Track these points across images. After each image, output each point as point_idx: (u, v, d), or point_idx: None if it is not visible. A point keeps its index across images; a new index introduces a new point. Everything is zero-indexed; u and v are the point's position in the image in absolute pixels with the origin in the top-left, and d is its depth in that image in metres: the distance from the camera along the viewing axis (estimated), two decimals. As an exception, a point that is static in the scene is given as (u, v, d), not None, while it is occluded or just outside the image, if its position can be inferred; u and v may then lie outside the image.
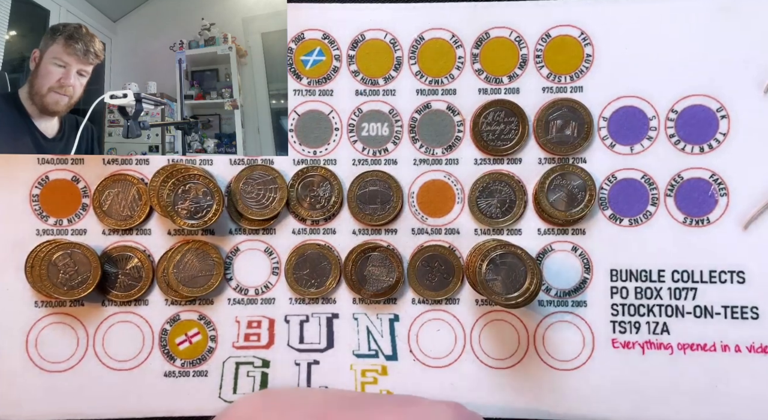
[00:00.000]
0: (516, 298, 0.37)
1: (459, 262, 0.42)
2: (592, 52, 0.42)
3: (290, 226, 0.43)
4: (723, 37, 0.42)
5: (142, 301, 0.42)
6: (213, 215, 0.40)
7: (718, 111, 0.42)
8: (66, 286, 0.40)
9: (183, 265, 0.42)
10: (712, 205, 0.42)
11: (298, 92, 0.43)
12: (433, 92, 0.43)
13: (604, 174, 0.42)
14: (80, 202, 0.42)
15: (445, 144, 0.43)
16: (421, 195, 0.43)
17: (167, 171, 0.42)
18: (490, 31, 0.42)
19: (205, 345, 0.43)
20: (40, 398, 0.42)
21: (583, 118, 0.42)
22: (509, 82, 0.42)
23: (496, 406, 0.42)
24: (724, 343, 0.42)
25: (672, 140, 0.42)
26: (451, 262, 0.42)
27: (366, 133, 0.43)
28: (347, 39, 0.43)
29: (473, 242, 0.42)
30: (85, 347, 0.42)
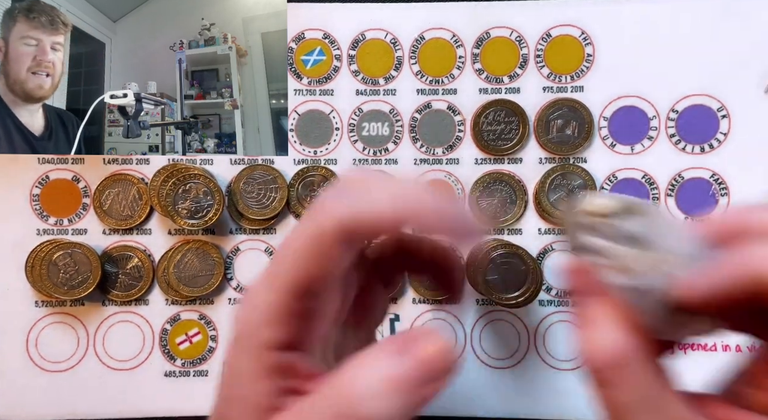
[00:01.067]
0: (516, 298, 0.37)
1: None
2: (592, 52, 0.42)
3: (291, 225, 0.43)
4: (724, 37, 0.42)
5: (142, 300, 0.42)
6: (213, 215, 0.40)
7: (718, 111, 0.42)
8: (66, 286, 0.40)
9: (183, 264, 0.42)
10: (713, 205, 0.42)
11: (299, 92, 0.43)
12: (433, 92, 0.43)
13: (604, 174, 0.42)
14: (80, 201, 0.42)
15: (446, 144, 0.43)
16: (422, 195, 0.43)
17: (167, 171, 0.42)
18: (491, 30, 0.42)
19: (206, 345, 0.43)
20: (40, 398, 0.42)
21: (584, 117, 0.42)
22: (510, 82, 0.42)
23: (496, 406, 0.42)
24: (725, 343, 0.42)
25: (672, 140, 0.42)
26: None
27: (366, 132, 0.43)
28: (348, 39, 0.43)
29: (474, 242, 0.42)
30: (86, 347, 0.42)
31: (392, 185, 0.21)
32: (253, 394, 0.21)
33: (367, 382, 0.18)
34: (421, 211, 0.21)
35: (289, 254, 0.21)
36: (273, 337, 0.21)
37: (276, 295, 0.21)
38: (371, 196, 0.21)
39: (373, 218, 0.20)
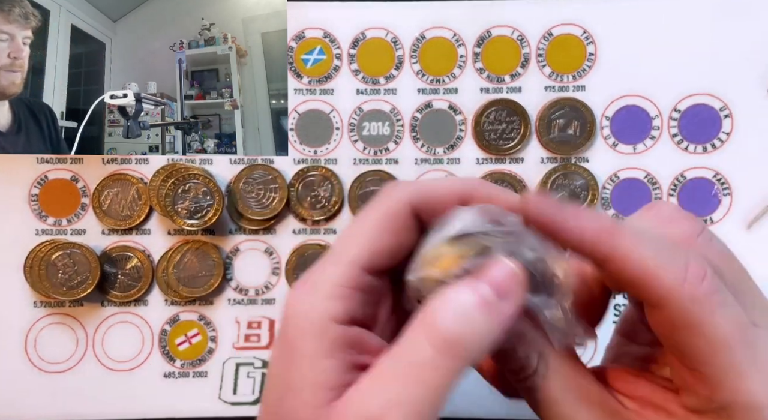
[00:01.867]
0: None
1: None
2: (594, 51, 0.42)
3: (291, 226, 0.43)
4: (726, 36, 0.41)
5: (141, 301, 0.42)
6: (213, 215, 0.40)
7: (721, 110, 0.42)
8: (65, 287, 0.40)
9: (183, 265, 0.41)
10: (716, 205, 0.42)
11: (299, 91, 0.43)
12: (434, 91, 0.42)
13: (606, 174, 0.42)
14: (79, 201, 0.42)
15: (447, 143, 0.42)
16: (423, 195, 0.42)
17: (167, 171, 0.41)
18: (492, 29, 0.42)
19: (205, 346, 0.42)
20: (38, 399, 0.41)
21: (586, 117, 0.42)
22: (511, 81, 0.42)
23: (495, 407, 0.42)
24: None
25: (675, 140, 0.42)
26: (453, 262, 0.42)
27: (367, 132, 0.43)
28: (348, 38, 0.43)
29: (475, 242, 0.42)
30: (85, 348, 0.42)
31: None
32: (321, 373, 0.20)
33: (455, 309, 0.20)
34: (482, 188, 0.22)
35: (357, 232, 0.22)
36: (340, 310, 0.20)
37: (343, 268, 0.21)
38: (434, 181, 0.23)
39: (439, 192, 0.22)
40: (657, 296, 0.19)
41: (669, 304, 0.19)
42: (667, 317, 0.19)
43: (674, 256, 0.19)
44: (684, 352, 0.20)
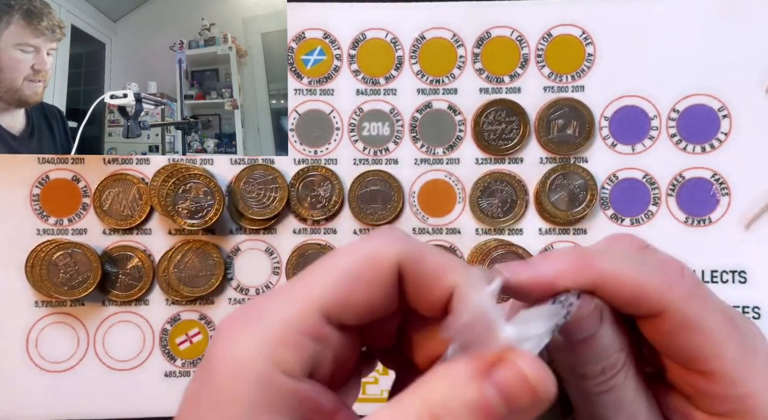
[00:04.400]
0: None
1: (460, 262, 0.42)
2: (593, 52, 0.42)
3: (291, 225, 0.43)
4: (725, 37, 0.42)
5: (142, 300, 0.42)
6: (213, 215, 0.40)
7: (719, 110, 0.42)
8: (66, 286, 0.40)
9: (183, 264, 0.42)
10: (714, 205, 0.42)
11: (299, 92, 0.43)
12: (434, 92, 0.43)
13: (605, 173, 0.42)
14: (81, 201, 0.42)
15: (446, 143, 0.43)
16: (422, 195, 0.43)
17: (168, 171, 0.42)
18: (491, 30, 0.42)
19: (206, 345, 0.42)
20: (39, 398, 0.42)
21: (585, 117, 0.42)
22: (510, 82, 0.42)
23: None
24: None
25: (673, 140, 0.42)
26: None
27: (367, 132, 0.43)
28: (348, 38, 0.43)
29: (474, 242, 0.42)
30: (86, 347, 0.42)
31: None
32: None
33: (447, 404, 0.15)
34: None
35: (325, 272, 0.18)
36: (291, 360, 0.17)
37: (300, 309, 0.17)
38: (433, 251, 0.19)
39: (430, 263, 0.18)
40: (650, 306, 0.19)
41: (665, 310, 0.19)
42: (665, 323, 0.19)
43: (649, 265, 0.19)
44: (688, 354, 0.19)
